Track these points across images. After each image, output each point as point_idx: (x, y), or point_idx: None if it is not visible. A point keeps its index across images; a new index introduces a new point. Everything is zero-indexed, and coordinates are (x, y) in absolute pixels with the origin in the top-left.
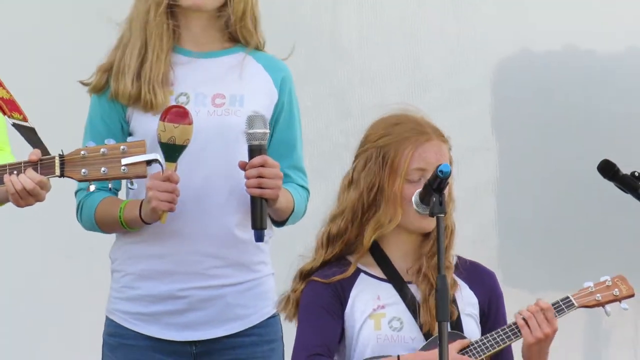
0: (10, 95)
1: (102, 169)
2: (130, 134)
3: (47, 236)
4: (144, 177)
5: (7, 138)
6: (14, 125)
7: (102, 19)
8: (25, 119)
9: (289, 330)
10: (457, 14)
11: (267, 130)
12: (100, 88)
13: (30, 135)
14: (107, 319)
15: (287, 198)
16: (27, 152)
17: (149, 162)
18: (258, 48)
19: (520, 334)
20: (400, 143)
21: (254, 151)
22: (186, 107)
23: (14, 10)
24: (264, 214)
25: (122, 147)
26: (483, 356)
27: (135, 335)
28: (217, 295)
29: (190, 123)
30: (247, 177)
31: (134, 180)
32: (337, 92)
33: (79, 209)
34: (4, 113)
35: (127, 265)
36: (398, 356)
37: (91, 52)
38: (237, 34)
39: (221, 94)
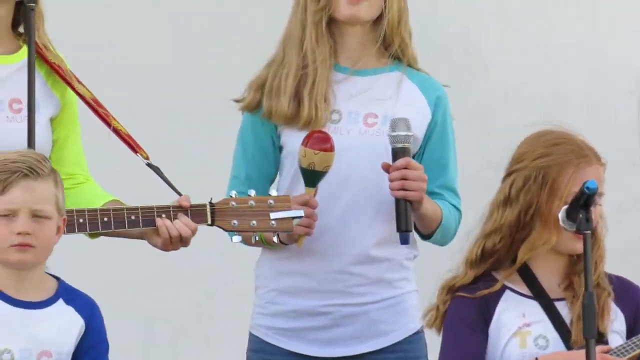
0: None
1: (252, 221)
2: (280, 148)
3: (198, 250)
4: (291, 231)
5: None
6: (148, 165)
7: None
8: (147, 157)
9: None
10: (596, 25)
11: (411, 133)
12: (253, 107)
13: (159, 173)
14: (251, 334)
15: (434, 207)
16: None
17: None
18: (411, 64)
19: None
20: (562, 165)
21: (397, 153)
22: (338, 124)
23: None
24: (408, 216)
25: (269, 200)
26: (625, 358)
27: (279, 351)
28: (360, 312)
29: (331, 150)
30: (391, 180)
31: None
32: (480, 109)
33: None
34: (134, 152)
35: (271, 281)
36: (536, 358)
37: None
38: (392, 45)
39: (374, 113)
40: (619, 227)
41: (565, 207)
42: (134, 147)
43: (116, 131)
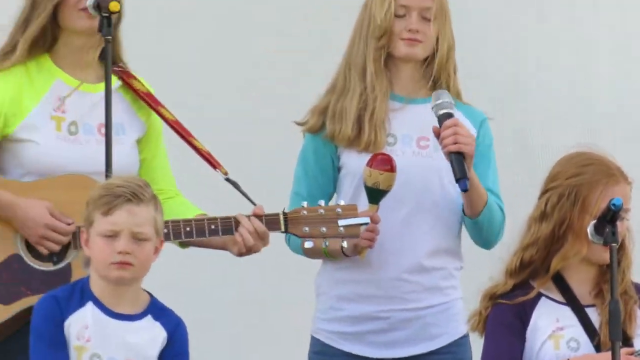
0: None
1: (322, 228)
2: (339, 168)
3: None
4: (358, 237)
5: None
6: (227, 179)
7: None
8: (226, 172)
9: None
10: (633, 51)
11: (452, 101)
12: (316, 129)
13: (236, 186)
14: (313, 338)
15: (480, 184)
16: None
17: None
18: (456, 98)
19: None
20: (592, 184)
21: (444, 118)
22: (393, 147)
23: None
24: (463, 166)
25: (337, 209)
26: None
27: (339, 353)
28: (415, 317)
29: (394, 170)
30: (444, 138)
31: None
32: (519, 132)
33: (289, 236)
34: (214, 168)
35: (332, 289)
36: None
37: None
38: (439, 79)
39: (426, 137)
40: None
41: (594, 222)
42: (213, 164)
43: (197, 149)
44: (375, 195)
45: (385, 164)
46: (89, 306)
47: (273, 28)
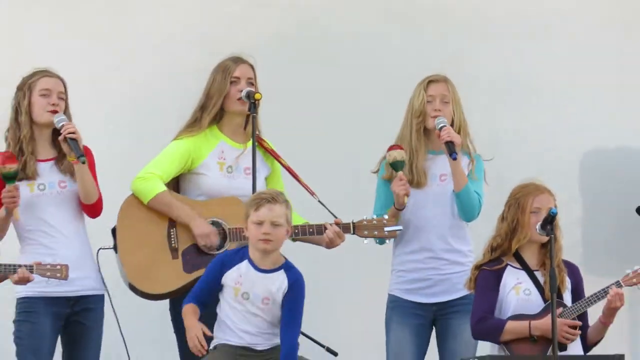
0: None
1: (375, 232)
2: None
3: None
4: (395, 237)
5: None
6: (319, 202)
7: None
8: (316, 196)
9: None
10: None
11: (446, 121)
12: (387, 177)
13: (324, 205)
14: (389, 295)
15: (463, 172)
16: None
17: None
18: (471, 149)
19: (604, 298)
20: (527, 195)
21: (442, 128)
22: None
23: None
24: (454, 146)
25: (384, 220)
26: (575, 315)
27: (404, 300)
28: (446, 278)
29: (402, 148)
30: (441, 135)
31: None
32: (495, 173)
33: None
34: (311, 194)
35: (399, 265)
36: (529, 322)
37: None
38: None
39: (445, 173)
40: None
41: (540, 223)
42: (310, 191)
43: (300, 181)
44: (398, 166)
45: (396, 147)
46: (244, 263)
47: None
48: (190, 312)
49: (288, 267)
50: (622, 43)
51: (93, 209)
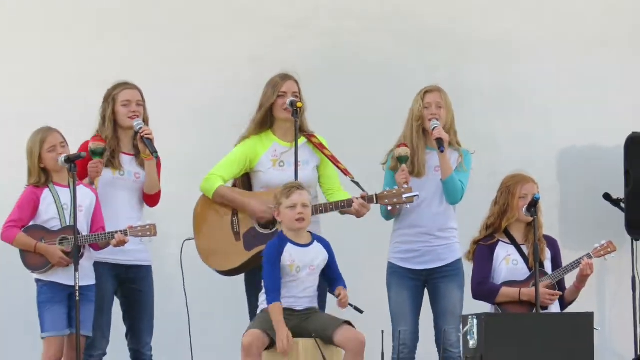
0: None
1: (394, 199)
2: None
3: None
4: (412, 202)
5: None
6: (352, 180)
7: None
8: (352, 176)
9: None
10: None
11: (439, 123)
12: (392, 168)
13: (357, 184)
14: (389, 262)
15: (450, 165)
16: None
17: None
18: (458, 144)
19: (577, 267)
20: (516, 183)
21: (435, 128)
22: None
23: None
24: (442, 143)
25: (402, 189)
26: (554, 281)
27: (400, 267)
28: (434, 250)
29: (407, 146)
30: (433, 134)
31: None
32: (490, 167)
33: (382, 207)
34: (345, 174)
35: (396, 238)
36: (519, 289)
37: None
38: (449, 135)
39: (439, 166)
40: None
41: (525, 206)
42: (347, 173)
43: (338, 166)
44: (402, 159)
45: (403, 145)
46: (288, 245)
47: None
48: (278, 313)
49: (318, 238)
50: (596, 63)
51: (152, 200)
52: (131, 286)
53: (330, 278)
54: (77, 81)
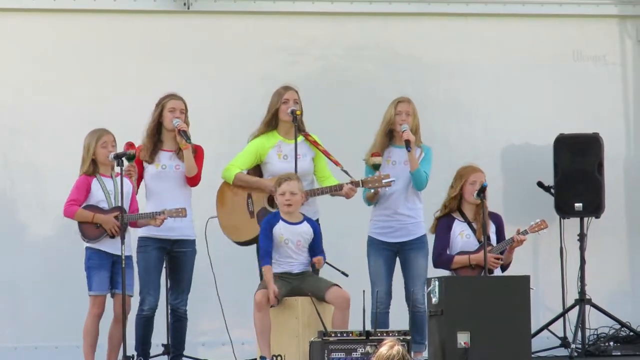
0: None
1: (376, 184)
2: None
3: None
4: (390, 186)
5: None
6: (342, 170)
7: None
8: (341, 166)
9: None
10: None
11: (408, 127)
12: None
13: (346, 172)
14: (369, 236)
15: (416, 160)
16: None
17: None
18: (420, 142)
19: (513, 242)
20: (467, 173)
21: (405, 131)
22: (395, 165)
23: None
24: (410, 144)
25: (382, 176)
26: (497, 252)
27: (377, 240)
28: (404, 226)
29: (380, 155)
30: (403, 136)
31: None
32: (448, 158)
33: (364, 189)
34: (336, 164)
35: (375, 216)
36: (469, 256)
37: None
38: (415, 137)
39: (407, 160)
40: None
41: (476, 191)
42: (338, 164)
43: (329, 157)
44: (377, 167)
45: (376, 154)
46: (281, 221)
47: None
48: (268, 273)
49: (308, 219)
50: (528, 79)
51: (193, 180)
52: (176, 255)
53: (313, 251)
54: (122, 95)
